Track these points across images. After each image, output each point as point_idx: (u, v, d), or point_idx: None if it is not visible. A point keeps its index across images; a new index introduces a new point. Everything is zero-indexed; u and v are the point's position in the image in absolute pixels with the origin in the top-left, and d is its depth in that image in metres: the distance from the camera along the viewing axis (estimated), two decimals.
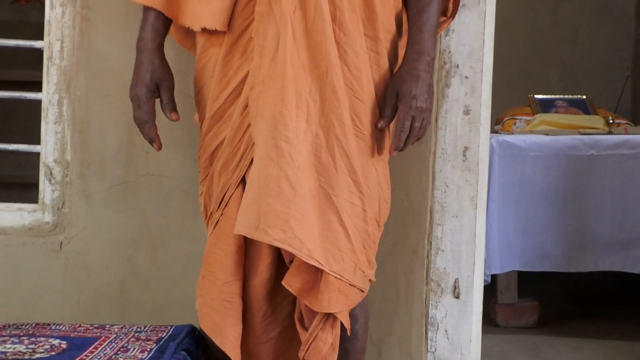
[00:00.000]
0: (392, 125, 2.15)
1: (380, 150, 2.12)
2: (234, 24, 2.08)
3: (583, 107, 4.77)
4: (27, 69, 4.93)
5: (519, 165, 3.71)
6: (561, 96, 4.83)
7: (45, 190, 2.56)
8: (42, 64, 2.56)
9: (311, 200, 2.02)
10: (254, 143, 2.05)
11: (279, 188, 1.98)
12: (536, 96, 4.79)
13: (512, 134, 4.38)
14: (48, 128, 2.55)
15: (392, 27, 2.13)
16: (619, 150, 3.71)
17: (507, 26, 2.64)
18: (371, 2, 2.08)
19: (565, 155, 3.72)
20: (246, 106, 2.06)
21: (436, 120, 2.49)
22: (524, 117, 4.59)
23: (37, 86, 4.82)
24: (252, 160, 2.05)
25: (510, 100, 4.70)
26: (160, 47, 2.17)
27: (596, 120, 4.48)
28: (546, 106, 4.75)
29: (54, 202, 2.57)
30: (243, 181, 2.09)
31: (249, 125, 2.06)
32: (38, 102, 2.59)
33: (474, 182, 2.50)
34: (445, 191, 2.50)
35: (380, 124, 2.09)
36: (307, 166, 2.02)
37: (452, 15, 2.27)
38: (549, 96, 4.83)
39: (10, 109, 4.96)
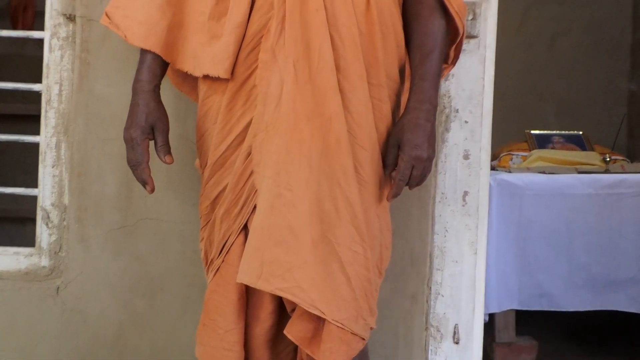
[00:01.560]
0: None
1: (381, 198, 2.12)
2: (237, 71, 2.07)
3: (579, 143, 4.77)
4: (22, 103, 4.93)
5: (516, 204, 3.70)
6: (557, 132, 4.84)
7: (42, 234, 2.55)
8: (38, 98, 2.55)
9: (314, 248, 2.01)
10: (256, 190, 2.04)
11: (282, 237, 1.98)
12: (533, 132, 4.79)
13: (509, 169, 4.38)
14: (46, 171, 2.54)
15: (395, 74, 2.13)
16: (617, 189, 3.71)
17: (503, 61, 2.65)
18: (374, 50, 2.08)
19: (563, 194, 3.71)
20: (249, 154, 2.06)
21: (436, 165, 2.48)
22: (521, 153, 4.59)
23: (32, 119, 4.82)
24: (254, 207, 2.04)
25: (507, 135, 4.69)
26: (156, 89, 2.16)
27: (593, 157, 4.48)
28: (543, 142, 4.75)
29: (51, 246, 2.55)
30: (245, 228, 2.08)
31: (251, 173, 2.06)
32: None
33: (473, 227, 2.49)
34: (445, 236, 2.49)
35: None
36: (310, 214, 2.01)
37: (453, 63, 2.27)
38: (545, 132, 4.83)
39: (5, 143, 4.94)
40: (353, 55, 2.05)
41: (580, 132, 4.82)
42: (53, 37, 2.53)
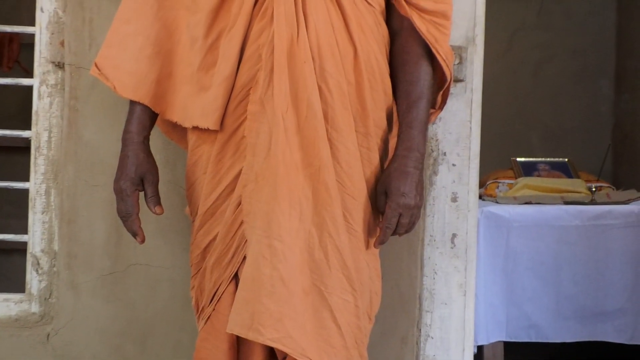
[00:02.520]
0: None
1: (371, 244, 2.13)
2: (226, 122, 2.09)
3: (565, 171, 4.80)
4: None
5: (503, 235, 3.72)
6: (543, 159, 4.86)
7: (32, 280, 2.55)
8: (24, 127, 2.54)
9: (304, 298, 2.02)
10: (246, 240, 2.06)
11: (272, 287, 1.99)
12: (518, 159, 4.81)
13: (496, 198, 4.41)
14: (35, 218, 2.55)
15: (383, 122, 2.15)
16: (603, 221, 3.74)
17: (488, 88, 2.66)
18: (363, 99, 2.10)
19: (550, 226, 3.73)
20: (239, 204, 2.07)
21: (424, 208, 2.50)
22: (507, 181, 4.61)
23: (20, 150, 4.80)
24: (244, 257, 2.06)
25: (492, 162, 4.72)
26: (145, 140, 2.18)
27: (578, 184, 4.51)
28: (529, 169, 4.77)
29: (41, 293, 2.55)
30: (235, 277, 2.09)
31: (241, 223, 2.07)
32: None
33: (462, 269, 2.51)
34: (434, 278, 2.51)
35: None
36: (300, 264, 2.02)
37: (441, 107, 2.29)
38: (531, 159, 4.86)
39: None
40: (341, 105, 2.07)
41: (566, 159, 4.85)
42: (42, 84, 2.54)
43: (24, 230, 2.58)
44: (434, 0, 2.15)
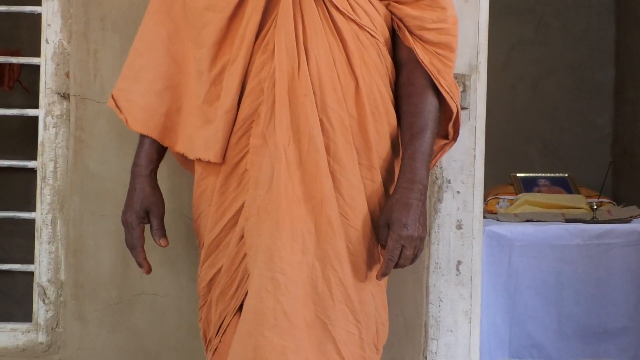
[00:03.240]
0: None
1: (374, 276, 2.14)
2: (229, 155, 2.10)
3: (565, 186, 4.80)
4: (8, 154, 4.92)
5: (505, 254, 3.73)
6: (543, 174, 4.87)
7: (39, 310, 2.56)
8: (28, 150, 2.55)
9: (307, 331, 2.03)
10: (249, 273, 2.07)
11: (275, 320, 1.99)
12: (519, 175, 4.82)
13: (496, 213, 4.42)
14: (42, 248, 2.56)
15: (387, 153, 2.15)
16: (605, 240, 3.74)
17: (487, 103, 2.68)
18: (366, 132, 2.11)
19: (551, 245, 3.74)
20: (242, 237, 2.08)
21: (429, 235, 2.51)
22: (507, 197, 4.62)
23: (22, 171, 4.80)
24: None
25: (492, 177, 4.71)
26: (152, 173, 2.21)
27: (579, 200, 4.52)
28: (529, 185, 4.78)
29: (47, 322, 2.56)
30: (240, 309, 2.09)
31: (244, 256, 2.08)
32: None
33: (467, 296, 2.52)
34: (439, 305, 2.52)
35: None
36: (303, 297, 2.03)
37: (454, 138, 2.27)
38: (531, 174, 4.86)
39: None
40: (343, 138, 2.08)
41: (566, 175, 4.86)
42: (47, 115, 2.55)
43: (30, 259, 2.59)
44: (438, 32, 2.15)
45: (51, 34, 2.55)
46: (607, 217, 4.10)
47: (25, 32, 4.72)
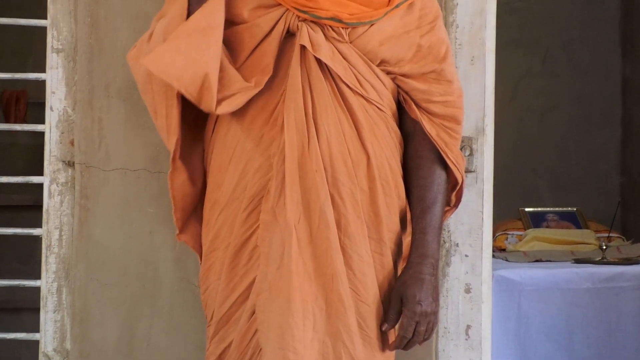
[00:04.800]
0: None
1: (386, 349, 2.13)
2: (239, 230, 2.09)
3: (574, 221, 4.78)
4: (18, 194, 4.94)
5: (515, 299, 3.72)
6: (552, 209, 4.85)
7: None
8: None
9: None
10: (261, 349, 2.05)
11: None
12: (527, 209, 4.80)
13: (505, 249, 4.41)
14: (47, 317, 2.55)
15: (397, 226, 2.15)
16: (615, 283, 3.72)
17: (494, 136, 2.68)
18: (376, 206, 2.10)
19: (561, 289, 3.73)
20: (253, 312, 2.07)
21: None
22: (516, 232, 4.61)
23: (28, 209, 4.80)
24: None
25: (500, 211, 4.69)
26: None
27: (587, 235, 4.51)
28: (537, 220, 4.76)
29: None
30: None
31: (255, 331, 2.07)
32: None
33: None
34: None
35: (385, 327, 2.10)
36: None
37: (456, 205, 2.28)
38: (539, 209, 4.84)
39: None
40: (354, 213, 2.07)
41: (575, 209, 4.83)
42: (52, 182, 2.55)
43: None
44: (444, 105, 2.15)
45: (55, 102, 2.54)
46: (617, 256, 4.09)
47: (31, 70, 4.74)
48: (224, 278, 2.11)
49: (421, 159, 2.15)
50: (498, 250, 4.37)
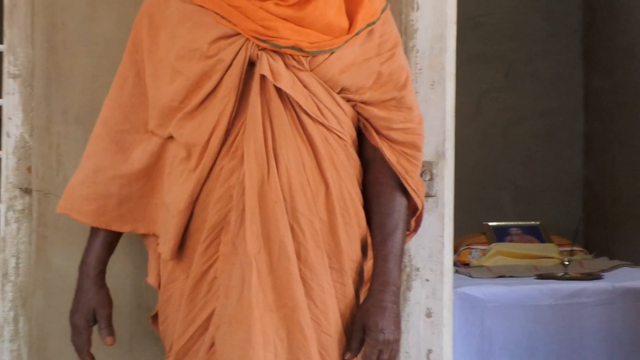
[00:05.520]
0: None
1: None
2: (198, 262, 2.09)
3: (537, 235, 4.81)
4: None
5: (478, 316, 3.73)
6: (515, 223, 4.87)
7: None
8: None
9: None
10: None
11: None
12: (490, 223, 4.82)
13: (469, 264, 4.42)
14: (4, 346, 2.51)
15: (357, 255, 2.15)
16: (577, 299, 3.75)
17: (458, 151, 2.68)
18: (336, 235, 2.10)
19: (524, 306, 3.74)
20: (212, 344, 2.07)
21: None
22: (480, 247, 4.62)
23: None
24: None
25: (464, 225, 4.70)
26: (101, 274, 2.21)
27: (550, 249, 4.53)
28: (501, 234, 4.78)
29: None
30: None
31: None
32: None
33: None
34: None
35: (347, 356, 2.10)
36: None
37: (415, 230, 2.29)
38: (503, 223, 4.86)
39: None
40: (314, 243, 2.07)
41: (538, 223, 4.86)
42: (9, 209, 2.51)
43: None
44: (405, 132, 2.15)
45: (12, 128, 2.51)
46: (579, 271, 4.11)
47: None
48: (183, 309, 2.10)
49: (382, 186, 2.16)
50: (462, 265, 4.39)
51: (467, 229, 4.58)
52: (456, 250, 4.40)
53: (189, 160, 2.10)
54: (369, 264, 2.20)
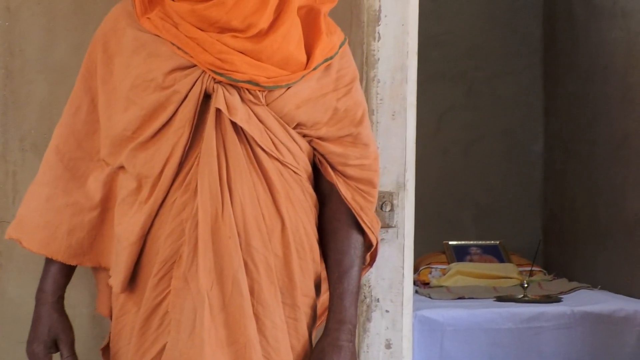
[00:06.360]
0: None
1: None
2: (150, 296, 2.06)
3: (497, 254, 4.84)
4: None
5: (437, 340, 3.73)
6: (475, 242, 4.90)
7: None
8: None
9: None
10: None
11: None
12: (451, 242, 4.84)
13: (429, 283, 4.43)
14: None
15: (311, 290, 2.14)
16: (536, 323, 3.77)
17: (419, 168, 2.69)
18: (291, 271, 2.08)
19: (483, 329, 3.75)
20: None
21: (358, 355, 2.48)
22: (440, 266, 4.64)
23: None
24: None
25: (425, 243, 4.72)
26: (60, 299, 2.16)
27: (510, 269, 4.56)
28: (461, 254, 4.80)
29: None
30: None
31: None
32: None
33: None
34: None
35: None
36: None
37: (370, 264, 2.28)
38: (463, 242, 4.88)
39: None
40: (267, 279, 2.05)
41: (497, 242, 4.89)
42: None
43: None
44: (360, 168, 2.14)
45: None
46: (538, 293, 4.13)
47: None
48: (134, 343, 2.07)
49: (338, 222, 2.14)
50: (421, 285, 4.40)
51: (427, 246, 4.60)
52: (416, 269, 4.42)
53: (140, 192, 2.07)
54: (322, 299, 2.19)
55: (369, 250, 2.22)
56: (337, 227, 2.14)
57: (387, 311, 2.50)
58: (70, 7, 2.47)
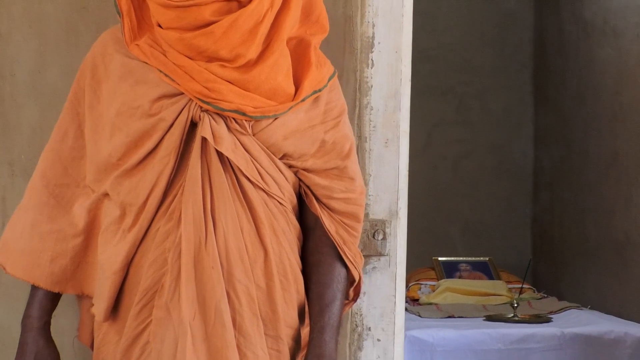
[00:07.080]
0: None
1: None
2: (131, 325, 2.03)
3: (486, 271, 4.84)
4: None
5: None
6: (464, 259, 4.90)
7: None
8: None
9: None
10: None
11: None
12: (440, 258, 4.84)
13: (418, 300, 4.42)
14: None
15: (295, 321, 2.11)
16: (525, 345, 3.77)
17: (409, 183, 2.68)
18: (274, 302, 2.06)
19: (473, 350, 3.75)
20: None
21: None
22: (429, 282, 4.64)
23: None
24: None
25: (414, 259, 4.71)
26: (46, 325, 2.14)
27: (499, 287, 4.56)
28: (450, 270, 4.80)
29: None
30: None
31: None
32: None
33: None
34: None
35: None
36: None
37: (354, 299, 2.25)
38: (452, 258, 4.88)
39: None
40: (249, 310, 2.02)
41: (487, 259, 4.89)
42: None
43: None
44: (345, 202, 2.11)
45: None
46: (528, 312, 4.14)
47: None
48: None
49: (322, 255, 2.12)
50: (411, 301, 4.39)
51: (416, 262, 4.59)
52: (406, 285, 4.41)
53: (124, 220, 2.05)
54: (306, 330, 2.17)
55: (352, 285, 2.20)
56: (320, 260, 2.11)
57: (378, 340, 2.48)
58: (62, 31, 2.44)
